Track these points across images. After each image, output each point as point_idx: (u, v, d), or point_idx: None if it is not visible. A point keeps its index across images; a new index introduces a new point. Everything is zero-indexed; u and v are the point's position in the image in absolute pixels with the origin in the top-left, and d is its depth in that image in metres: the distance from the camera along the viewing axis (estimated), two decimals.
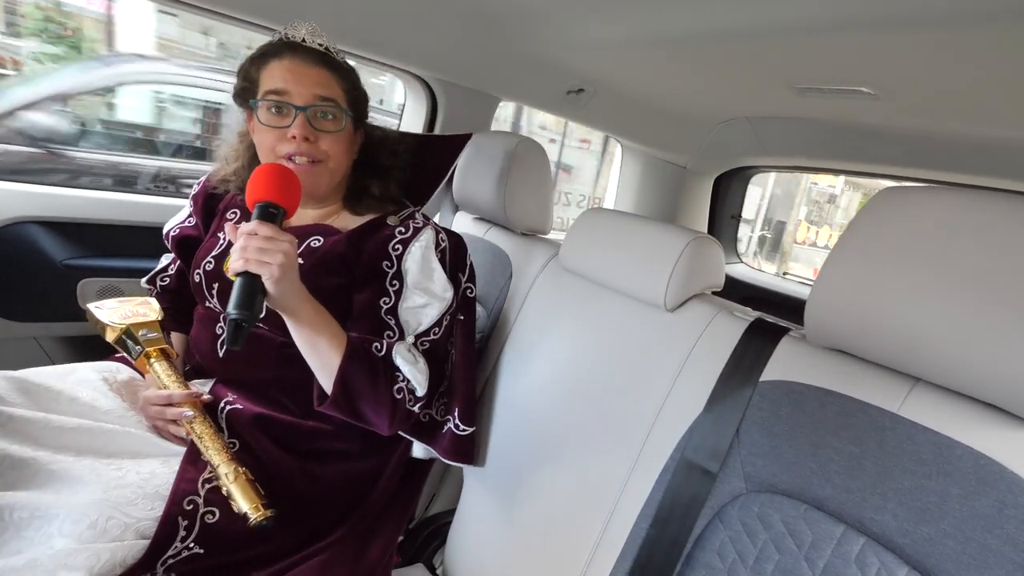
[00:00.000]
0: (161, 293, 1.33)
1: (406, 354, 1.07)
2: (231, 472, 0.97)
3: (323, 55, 1.11)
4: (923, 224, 0.70)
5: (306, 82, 1.07)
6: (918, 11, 0.99)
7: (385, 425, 1.06)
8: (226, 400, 1.10)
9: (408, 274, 1.13)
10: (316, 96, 1.07)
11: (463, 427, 1.21)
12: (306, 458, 1.11)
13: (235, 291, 0.88)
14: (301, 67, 1.08)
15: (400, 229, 1.17)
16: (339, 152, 1.12)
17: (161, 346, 1.12)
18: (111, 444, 0.98)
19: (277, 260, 0.88)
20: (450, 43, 1.61)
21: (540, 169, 1.49)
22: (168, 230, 1.34)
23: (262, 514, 0.94)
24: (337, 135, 1.10)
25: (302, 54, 1.09)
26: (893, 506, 0.70)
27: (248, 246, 0.88)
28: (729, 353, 0.96)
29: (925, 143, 1.76)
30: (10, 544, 0.80)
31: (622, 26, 1.38)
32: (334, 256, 1.13)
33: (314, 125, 1.08)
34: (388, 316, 1.11)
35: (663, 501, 0.92)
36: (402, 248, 1.15)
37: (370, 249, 1.15)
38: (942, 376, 0.70)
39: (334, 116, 1.10)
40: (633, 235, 1.16)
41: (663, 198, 2.64)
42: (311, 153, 1.08)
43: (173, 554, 0.90)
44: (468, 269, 1.25)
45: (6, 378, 0.99)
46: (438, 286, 1.15)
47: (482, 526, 1.26)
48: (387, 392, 1.04)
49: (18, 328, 1.57)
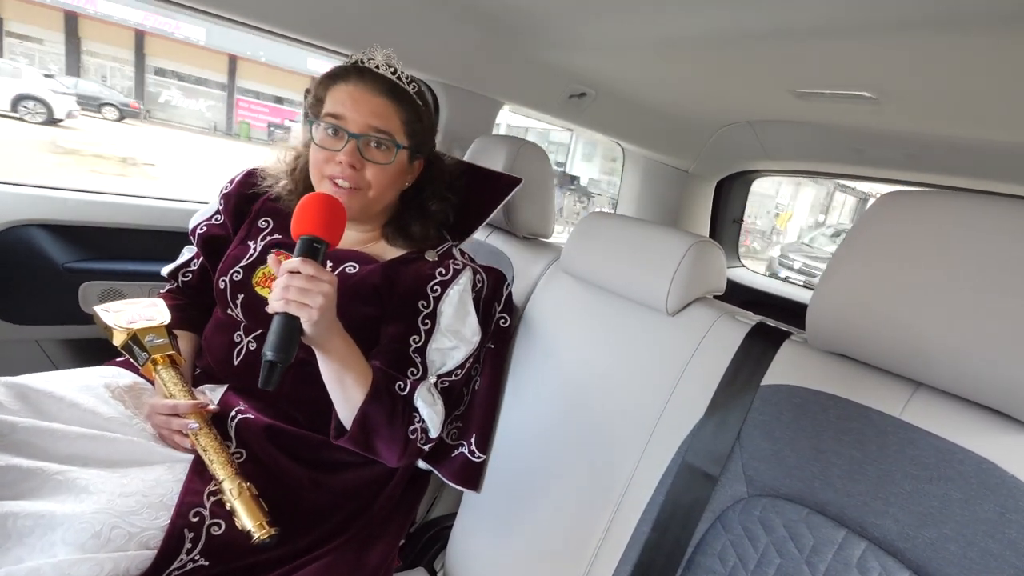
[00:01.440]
0: (181, 288, 1.32)
1: (427, 395, 1.08)
2: (235, 488, 0.96)
3: (391, 85, 1.11)
4: (924, 228, 0.70)
5: (363, 110, 1.08)
6: (919, 15, 0.99)
7: (394, 460, 1.07)
8: (237, 409, 1.09)
9: (442, 316, 1.13)
10: (371, 126, 1.08)
11: (478, 454, 1.21)
12: (314, 468, 1.11)
13: (272, 331, 0.88)
14: (363, 94, 1.08)
15: (440, 270, 1.16)
16: (382, 183, 1.12)
17: (168, 352, 1.11)
18: (114, 452, 0.98)
19: (317, 303, 0.88)
20: (453, 47, 1.62)
21: (542, 173, 1.49)
22: (195, 225, 1.32)
23: (266, 532, 0.94)
24: (384, 167, 1.10)
25: (367, 80, 1.09)
26: (895, 510, 0.70)
27: (290, 286, 0.88)
28: (731, 357, 0.96)
29: (926, 147, 1.77)
30: (12, 552, 0.80)
31: (624, 30, 1.38)
32: (368, 286, 1.13)
33: (363, 154, 1.08)
34: (415, 355, 1.11)
35: (664, 505, 0.92)
36: (440, 290, 1.15)
37: (405, 282, 1.15)
38: (944, 381, 0.70)
39: (386, 147, 1.10)
40: (635, 239, 1.16)
41: (665, 202, 2.64)
42: (354, 180, 1.08)
43: (178, 567, 0.90)
44: (504, 300, 1.26)
45: (6, 385, 0.98)
46: (469, 330, 1.15)
47: (483, 530, 1.26)
48: (402, 432, 1.05)
49: (20, 331, 1.57)
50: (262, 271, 1.16)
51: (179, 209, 1.76)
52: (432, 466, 1.23)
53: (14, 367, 1.07)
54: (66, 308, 1.60)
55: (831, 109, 1.69)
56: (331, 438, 1.05)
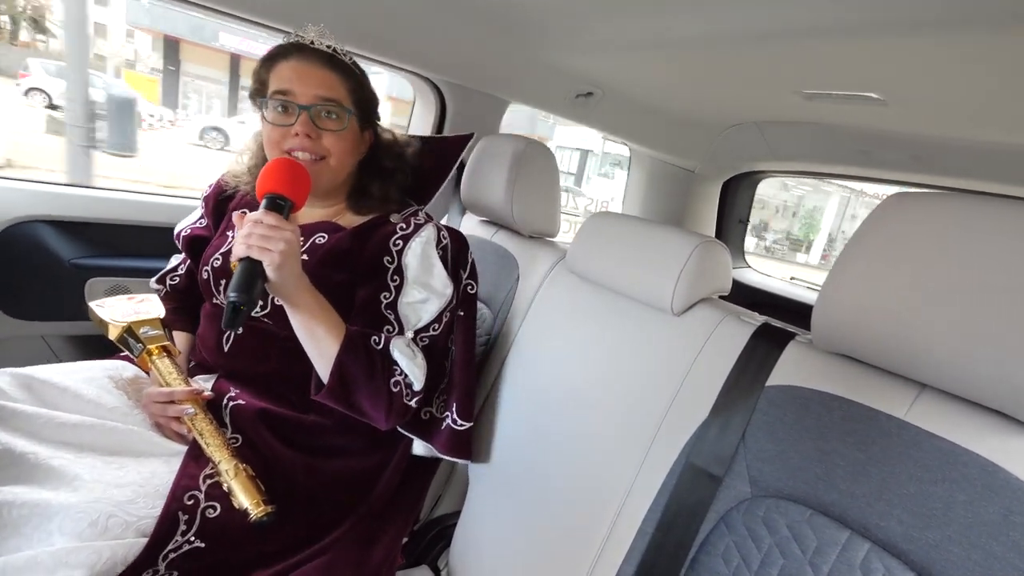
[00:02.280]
0: (170, 292, 1.35)
1: (404, 348, 1.08)
2: (232, 468, 0.98)
3: (329, 56, 1.13)
4: (930, 230, 0.70)
5: (310, 82, 1.10)
6: (926, 16, 0.99)
7: (382, 418, 1.07)
8: (229, 396, 1.11)
9: (408, 269, 1.15)
10: (319, 96, 1.10)
11: (461, 422, 1.21)
12: (308, 453, 1.12)
13: (236, 275, 0.91)
14: (306, 68, 1.11)
15: (402, 225, 1.19)
16: (341, 150, 1.14)
17: (163, 343, 1.13)
18: (113, 442, 0.99)
19: (279, 247, 0.91)
20: (460, 46, 1.62)
21: (548, 172, 1.49)
22: (179, 231, 1.36)
23: (263, 510, 0.95)
24: (340, 133, 1.13)
25: (308, 55, 1.12)
26: (898, 512, 0.70)
27: (252, 233, 0.92)
28: (735, 357, 0.96)
29: (933, 148, 1.76)
30: (10, 541, 0.81)
31: (631, 30, 1.38)
32: (339, 251, 1.15)
33: (317, 123, 1.10)
34: (388, 311, 1.12)
35: (668, 505, 0.92)
36: (403, 243, 1.17)
37: (373, 245, 1.17)
38: (948, 382, 0.70)
39: (336, 115, 1.12)
40: (640, 239, 1.16)
41: (671, 202, 2.64)
42: (313, 149, 1.11)
43: (174, 548, 0.90)
44: (469, 266, 1.27)
45: (10, 374, 1.00)
46: (438, 282, 1.16)
47: (487, 528, 1.26)
48: (384, 384, 1.05)
49: (26, 327, 1.58)
50: None
51: (185, 206, 1.76)
52: (426, 440, 1.23)
53: (20, 362, 1.07)
54: (72, 304, 1.61)
55: (838, 110, 1.68)
56: (311, 394, 1.05)
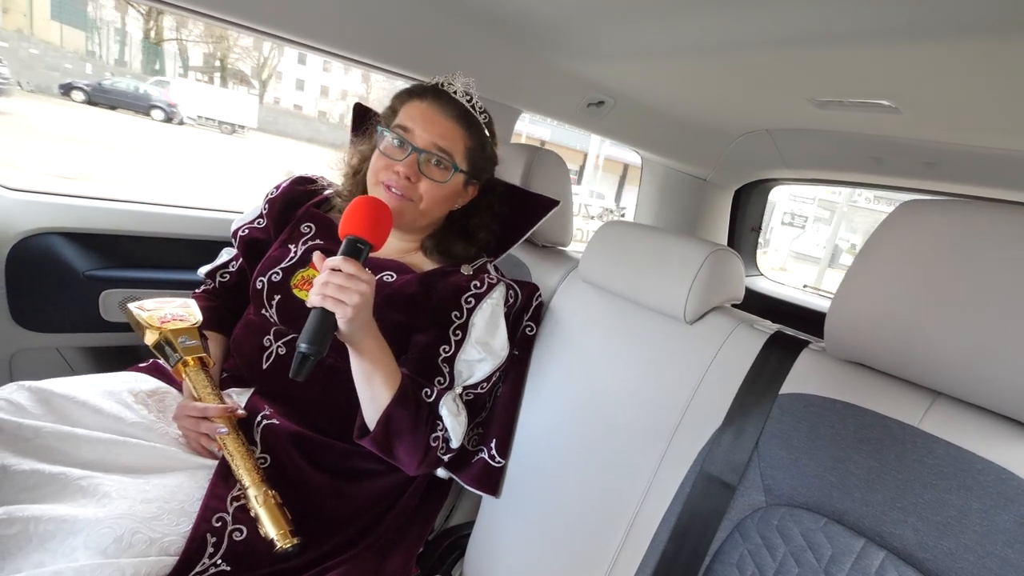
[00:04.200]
0: (217, 289, 1.34)
1: (451, 405, 1.09)
2: (261, 495, 0.97)
3: (462, 111, 1.15)
4: (944, 237, 0.70)
5: (432, 129, 1.12)
6: (939, 23, 0.99)
7: (413, 467, 1.08)
8: (263, 414, 1.10)
9: (473, 328, 1.16)
10: (435, 144, 1.12)
11: (498, 459, 1.22)
12: (335, 476, 1.12)
13: (308, 325, 0.90)
14: (435, 114, 1.13)
15: (475, 283, 1.19)
16: (433, 200, 1.16)
17: (199, 355, 1.12)
18: (136, 458, 0.99)
19: (353, 301, 0.91)
20: (472, 56, 1.62)
21: (560, 181, 1.50)
22: (236, 228, 1.36)
23: (289, 541, 0.95)
24: (438, 184, 1.14)
25: (443, 102, 1.14)
26: (913, 520, 0.70)
27: (329, 282, 0.91)
28: (749, 366, 0.96)
29: (946, 156, 1.75)
30: (33, 556, 0.80)
31: (644, 39, 1.39)
32: (405, 295, 1.15)
33: (422, 169, 1.12)
34: (444, 364, 1.13)
35: (682, 514, 0.92)
36: (474, 302, 1.17)
37: (440, 294, 1.17)
38: (963, 390, 0.70)
39: (444, 167, 1.14)
40: (653, 247, 1.16)
41: (683, 210, 2.64)
42: (407, 191, 1.13)
43: (201, 570, 0.90)
44: (533, 310, 1.29)
45: (29, 389, 0.99)
46: (498, 343, 1.17)
47: (501, 538, 1.26)
48: (424, 439, 1.06)
49: (40, 338, 1.58)
50: (301, 274, 1.18)
51: (200, 218, 1.78)
52: (452, 472, 1.23)
53: (34, 374, 1.08)
54: (87, 316, 1.61)
55: (850, 118, 1.68)
56: (354, 437, 1.06)
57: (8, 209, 1.49)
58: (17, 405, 0.96)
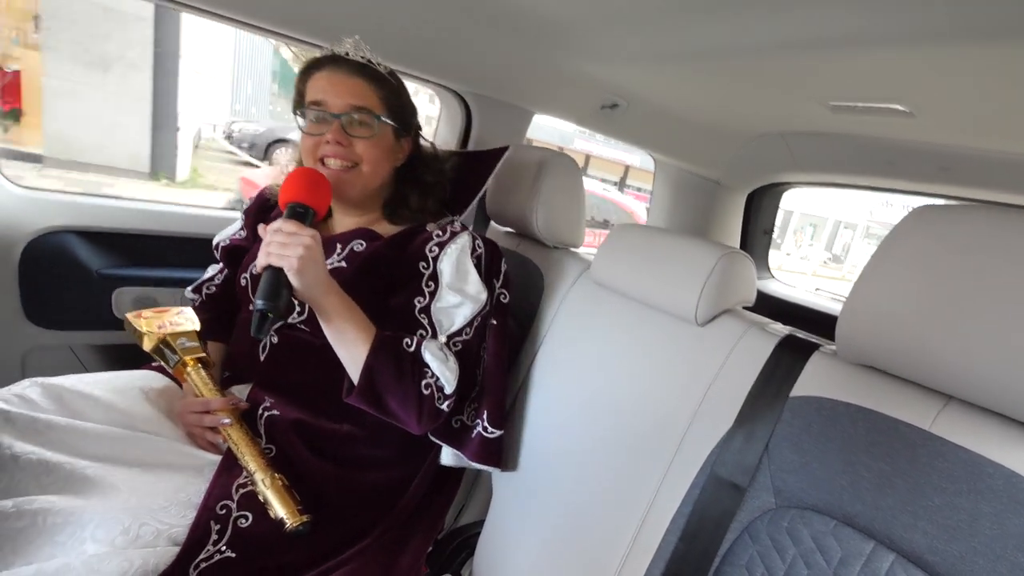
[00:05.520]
0: (206, 301, 1.37)
1: (436, 352, 1.09)
2: (267, 478, 0.99)
3: (361, 66, 1.16)
4: (956, 242, 0.70)
5: (342, 92, 1.13)
6: (953, 28, 0.99)
7: (414, 421, 1.07)
8: (264, 406, 1.12)
9: (443, 275, 1.17)
10: (350, 104, 1.13)
11: (492, 430, 1.22)
12: (340, 465, 1.13)
13: (261, 283, 0.93)
14: (338, 78, 1.14)
15: (438, 232, 1.21)
16: (374, 156, 1.17)
17: (198, 355, 1.14)
18: (145, 454, 1.00)
19: (297, 253, 0.93)
20: (486, 58, 1.63)
21: (572, 183, 1.50)
22: (218, 241, 1.40)
23: (298, 520, 0.96)
24: (371, 140, 1.15)
25: (341, 66, 1.15)
26: (924, 523, 0.70)
27: (272, 241, 0.94)
28: (760, 368, 0.96)
29: (959, 160, 1.74)
30: (43, 549, 0.82)
31: (658, 41, 1.39)
32: (377, 259, 1.17)
33: (348, 131, 1.14)
34: (421, 315, 1.14)
35: (692, 515, 0.92)
36: (438, 250, 1.18)
37: (410, 252, 1.19)
38: (974, 394, 0.70)
39: (367, 123, 1.15)
40: (665, 250, 1.16)
41: (695, 213, 2.63)
42: (345, 156, 1.14)
43: (205, 557, 0.92)
44: (503, 275, 1.28)
45: (40, 385, 1.01)
46: (472, 287, 1.18)
47: (510, 538, 1.27)
48: (414, 387, 1.06)
49: (53, 336, 1.59)
50: None
51: (212, 217, 1.80)
52: (456, 448, 1.23)
53: (47, 372, 1.08)
54: (100, 314, 1.62)
55: (864, 121, 1.67)
56: (343, 396, 1.06)
57: (22, 207, 1.50)
58: (30, 400, 0.98)
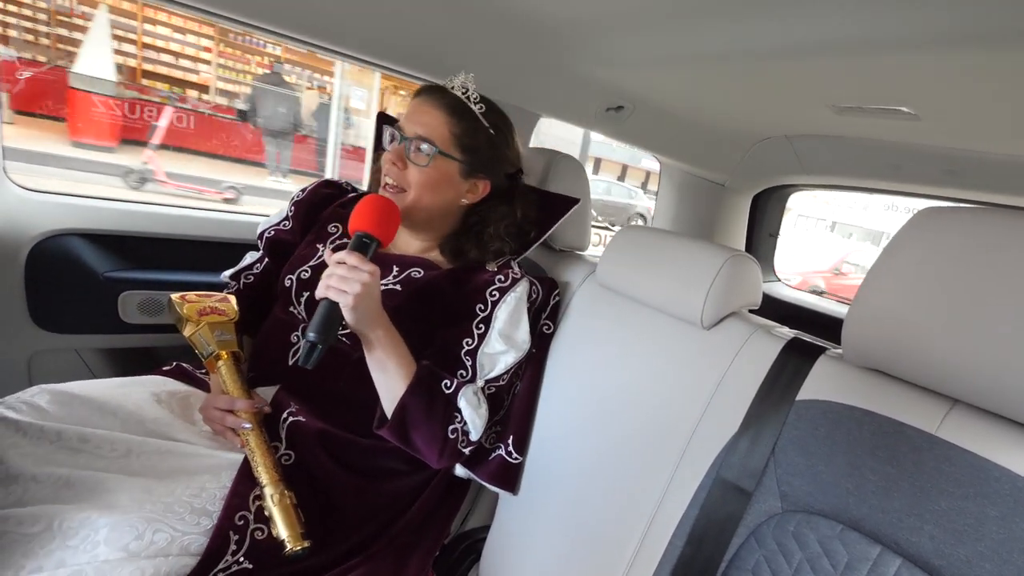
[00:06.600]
0: (243, 290, 1.36)
1: (471, 398, 1.10)
2: (277, 494, 0.98)
3: (451, 100, 1.18)
4: (962, 244, 0.70)
5: (416, 120, 1.16)
6: (960, 31, 0.99)
7: (434, 459, 1.10)
8: (289, 411, 1.12)
9: (497, 320, 1.18)
10: (416, 133, 1.15)
11: (515, 455, 1.23)
12: (360, 474, 1.14)
13: (316, 315, 0.96)
14: (424, 107, 1.17)
15: (500, 277, 1.22)
16: (420, 184, 1.17)
17: (233, 350, 1.14)
18: (159, 459, 1.00)
19: (354, 289, 0.95)
20: (492, 60, 1.63)
21: (577, 185, 1.50)
22: (263, 230, 1.39)
23: (300, 544, 0.96)
24: (424, 169, 1.16)
25: (433, 97, 1.18)
26: (930, 527, 0.69)
27: (333, 274, 0.96)
28: (766, 371, 0.96)
29: (965, 163, 1.73)
30: (55, 555, 0.82)
31: (663, 44, 1.39)
32: (433, 290, 1.19)
33: (408, 156, 1.15)
34: (467, 357, 1.15)
35: (698, 519, 0.92)
36: (499, 296, 1.20)
37: (468, 288, 1.21)
38: (980, 398, 0.69)
39: (426, 152, 1.15)
40: (670, 253, 1.16)
41: (701, 215, 2.63)
42: (396, 178, 1.17)
43: (223, 568, 0.92)
44: (551, 308, 1.30)
45: (50, 392, 1.01)
46: (521, 335, 1.19)
47: (517, 542, 1.27)
48: (441, 430, 1.07)
49: (59, 340, 1.58)
50: None
51: (221, 220, 1.79)
52: (469, 470, 1.24)
53: (53, 375, 1.08)
54: (106, 317, 1.61)
55: (870, 124, 1.67)
56: (373, 428, 1.08)
57: (28, 210, 1.50)
58: (39, 408, 0.98)
